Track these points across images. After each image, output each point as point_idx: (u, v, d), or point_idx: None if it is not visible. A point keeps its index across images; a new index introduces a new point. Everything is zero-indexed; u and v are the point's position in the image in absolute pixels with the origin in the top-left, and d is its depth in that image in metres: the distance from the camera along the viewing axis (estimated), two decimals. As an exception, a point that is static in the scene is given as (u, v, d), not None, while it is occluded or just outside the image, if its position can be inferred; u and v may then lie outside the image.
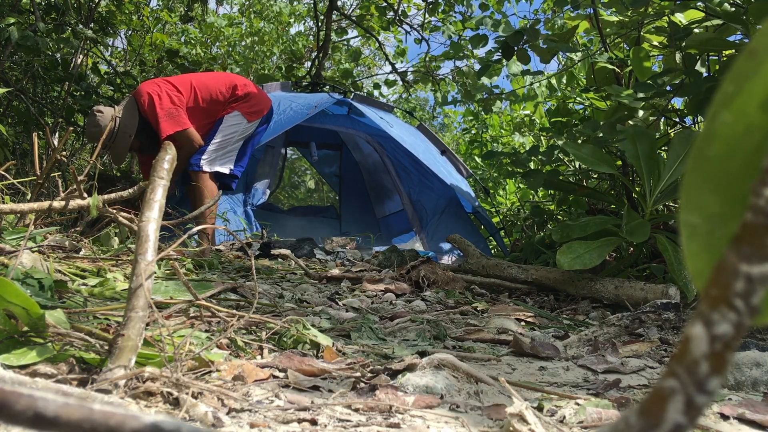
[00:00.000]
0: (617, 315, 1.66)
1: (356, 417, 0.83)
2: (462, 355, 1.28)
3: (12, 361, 0.85)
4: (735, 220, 0.24)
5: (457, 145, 8.75)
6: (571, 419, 0.88)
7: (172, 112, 3.40)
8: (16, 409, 0.27)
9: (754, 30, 2.24)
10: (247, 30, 10.29)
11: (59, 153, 1.73)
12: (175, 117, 3.40)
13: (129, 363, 0.83)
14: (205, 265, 2.22)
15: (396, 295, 2.17)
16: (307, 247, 3.47)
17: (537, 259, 3.10)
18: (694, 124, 3.18)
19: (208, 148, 3.51)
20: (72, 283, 1.49)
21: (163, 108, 3.38)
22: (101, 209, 1.40)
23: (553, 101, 5.27)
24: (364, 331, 1.44)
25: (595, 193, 3.14)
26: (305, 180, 10.25)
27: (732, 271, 0.23)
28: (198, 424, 0.74)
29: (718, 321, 0.23)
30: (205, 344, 1.04)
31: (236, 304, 1.58)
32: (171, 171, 1.19)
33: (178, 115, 3.42)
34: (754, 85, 0.23)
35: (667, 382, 0.23)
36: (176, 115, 3.41)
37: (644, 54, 3.01)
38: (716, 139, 0.24)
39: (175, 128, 3.37)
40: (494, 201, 5.66)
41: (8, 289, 0.86)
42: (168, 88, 3.46)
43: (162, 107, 3.38)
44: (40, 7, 4.49)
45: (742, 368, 1.12)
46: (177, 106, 3.42)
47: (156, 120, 3.36)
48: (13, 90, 4.24)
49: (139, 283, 0.93)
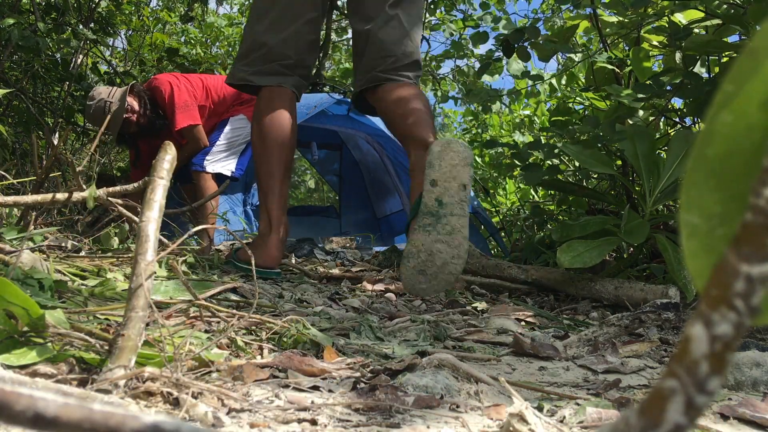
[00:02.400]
0: (617, 315, 1.66)
1: (356, 417, 0.83)
2: (462, 355, 1.28)
3: (12, 361, 0.85)
4: (735, 219, 0.24)
5: (457, 145, 8.72)
6: (571, 419, 0.88)
7: (188, 105, 3.44)
8: (16, 409, 0.27)
9: (753, 30, 2.24)
10: (247, 30, 10.27)
11: (59, 151, 1.73)
12: (190, 111, 3.44)
13: (129, 363, 0.83)
14: (205, 265, 2.22)
15: (396, 295, 2.17)
16: (307, 247, 3.48)
17: (537, 259, 3.10)
18: (694, 124, 3.18)
19: (213, 149, 3.53)
20: (72, 283, 1.49)
21: (181, 99, 3.42)
22: (104, 200, 1.39)
23: (553, 101, 5.28)
24: (364, 331, 1.44)
25: (595, 193, 3.14)
26: (305, 180, 10.25)
27: (732, 271, 0.23)
28: (198, 424, 0.74)
29: (718, 321, 0.23)
30: (205, 344, 1.04)
31: (236, 304, 1.58)
32: (171, 171, 1.19)
33: (193, 109, 3.46)
34: (754, 84, 0.23)
35: (667, 382, 0.23)
36: (191, 109, 3.45)
37: (644, 54, 3.01)
38: (716, 138, 0.24)
39: (188, 122, 3.41)
40: (494, 201, 5.66)
41: (8, 289, 0.86)
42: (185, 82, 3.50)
43: (180, 98, 3.41)
44: (40, 7, 4.49)
45: (742, 368, 1.12)
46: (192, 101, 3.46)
47: (173, 110, 3.40)
48: (14, 90, 4.24)
49: (139, 283, 0.93)
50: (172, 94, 3.36)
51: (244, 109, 3.61)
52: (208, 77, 3.69)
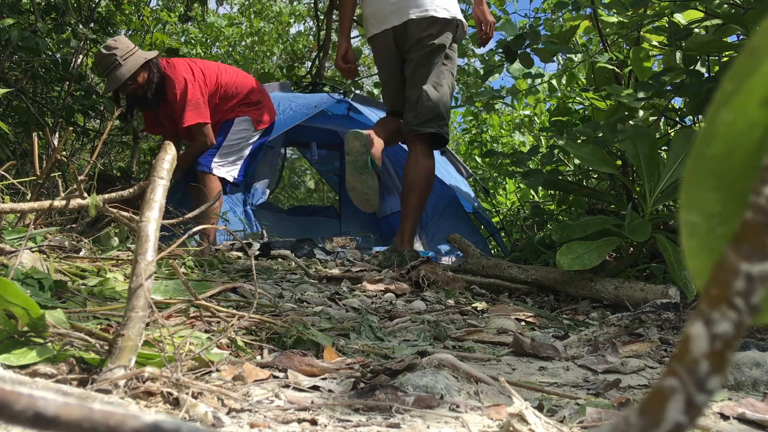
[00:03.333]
0: (617, 315, 1.66)
1: (356, 417, 0.83)
2: (462, 355, 1.28)
3: (12, 361, 0.85)
4: (735, 218, 0.24)
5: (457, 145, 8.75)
6: (571, 419, 0.88)
7: (199, 103, 3.43)
8: (16, 409, 0.27)
9: (753, 30, 2.23)
10: (247, 30, 10.29)
11: (59, 153, 1.73)
12: (200, 109, 3.44)
13: (129, 363, 0.83)
14: (205, 265, 2.22)
15: (396, 295, 2.17)
16: (307, 247, 3.47)
17: (537, 259, 3.10)
18: (694, 123, 3.18)
19: (220, 151, 3.54)
20: (72, 283, 1.49)
21: (194, 96, 3.40)
22: (101, 208, 1.40)
23: (553, 101, 5.27)
24: (363, 331, 1.44)
25: (595, 193, 3.14)
26: (305, 180, 10.24)
27: (732, 270, 0.23)
28: (198, 424, 0.74)
29: (718, 320, 0.23)
30: (205, 344, 1.04)
31: (236, 304, 1.58)
32: (171, 171, 1.19)
33: (204, 107, 3.46)
34: (753, 83, 0.23)
35: (667, 382, 0.23)
36: (202, 107, 3.45)
37: (644, 54, 3.01)
38: (716, 137, 0.24)
39: (197, 119, 3.41)
40: (494, 201, 5.66)
41: (8, 289, 0.86)
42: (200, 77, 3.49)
43: (193, 95, 3.41)
44: (39, 7, 4.49)
45: (742, 368, 1.12)
46: (203, 99, 3.46)
47: (183, 107, 3.39)
48: (13, 90, 4.25)
49: (139, 283, 0.93)
50: (185, 91, 3.36)
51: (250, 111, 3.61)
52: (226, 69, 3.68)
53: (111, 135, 5.44)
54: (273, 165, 5.12)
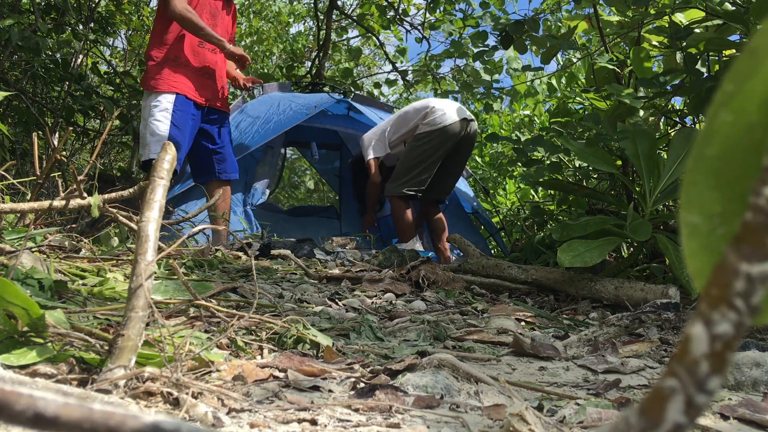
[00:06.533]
0: (617, 315, 1.66)
1: (356, 417, 0.83)
2: (462, 355, 1.28)
3: (12, 361, 0.85)
4: (735, 219, 0.24)
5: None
6: (571, 419, 0.88)
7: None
8: (16, 409, 0.27)
9: (754, 30, 2.24)
10: (247, 30, 10.29)
11: (59, 153, 1.73)
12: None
13: (129, 363, 0.83)
14: (205, 265, 2.22)
15: (396, 295, 2.17)
16: (307, 247, 3.47)
17: (537, 259, 3.10)
18: (694, 123, 3.18)
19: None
20: (72, 283, 1.49)
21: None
22: (101, 209, 1.40)
23: (553, 101, 5.27)
24: (363, 331, 1.44)
25: (595, 193, 3.14)
26: (305, 180, 10.24)
27: (732, 271, 0.23)
28: (198, 424, 0.74)
29: (718, 320, 0.23)
30: (205, 344, 1.04)
31: (236, 304, 1.58)
32: (171, 171, 1.19)
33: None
34: (754, 84, 0.23)
35: (667, 382, 0.23)
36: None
37: (644, 54, 3.01)
38: (716, 138, 0.24)
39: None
40: (494, 201, 5.65)
41: (8, 289, 0.86)
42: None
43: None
44: (40, 7, 4.49)
45: (742, 368, 1.12)
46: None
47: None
48: (13, 90, 4.24)
49: (139, 283, 0.93)
50: None
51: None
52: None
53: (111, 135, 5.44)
54: (273, 165, 5.12)
